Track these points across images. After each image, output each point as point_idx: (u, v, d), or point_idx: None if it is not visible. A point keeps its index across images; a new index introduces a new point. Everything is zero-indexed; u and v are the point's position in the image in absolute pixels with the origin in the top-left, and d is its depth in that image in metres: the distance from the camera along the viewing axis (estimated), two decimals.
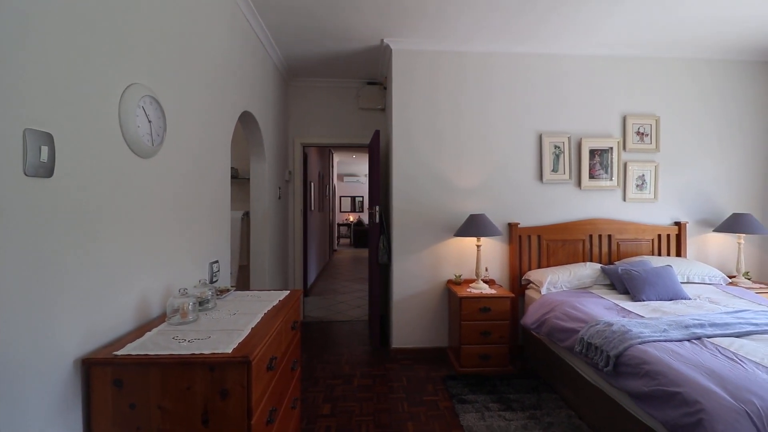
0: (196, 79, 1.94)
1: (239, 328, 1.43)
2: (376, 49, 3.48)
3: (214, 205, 2.20)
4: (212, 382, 1.22)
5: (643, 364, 1.77)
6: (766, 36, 3.23)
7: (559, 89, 3.50)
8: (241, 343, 1.30)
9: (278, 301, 1.83)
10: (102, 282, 1.28)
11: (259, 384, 1.32)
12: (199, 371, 1.21)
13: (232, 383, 1.23)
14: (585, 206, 3.55)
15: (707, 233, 3.62)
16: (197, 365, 1.21)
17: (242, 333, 1.39)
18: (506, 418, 2.31)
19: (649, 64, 3.56)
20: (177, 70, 1.75)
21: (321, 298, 5.43)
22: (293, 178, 4.29)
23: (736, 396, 1.47)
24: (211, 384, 1.22)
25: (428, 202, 3.40)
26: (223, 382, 1.22)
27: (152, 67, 1.56)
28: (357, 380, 2.90)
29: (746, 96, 3.64)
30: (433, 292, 3.42)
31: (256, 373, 1.29)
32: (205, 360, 1.21)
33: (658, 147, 3.56)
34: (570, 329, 2.40)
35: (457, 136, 3.43)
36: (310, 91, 4.29)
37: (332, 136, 4.34)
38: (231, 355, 1.22)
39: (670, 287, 2.82)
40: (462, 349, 2.97)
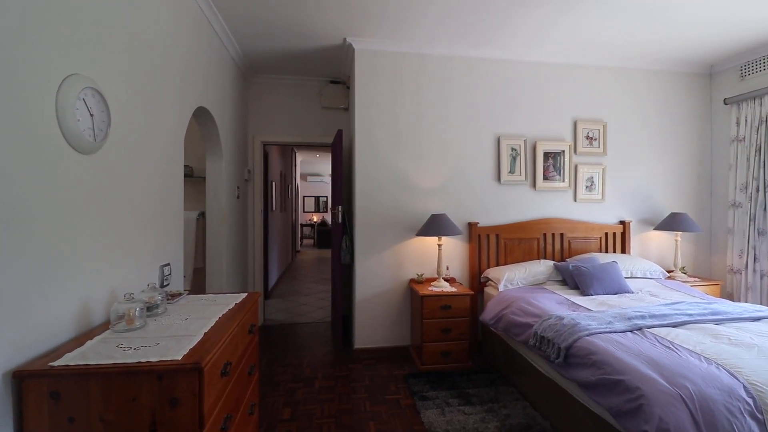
0: (144, 71, 1.84)
1: (191, 334, 1.37)
2: (338, 47, 3.45)
3: (166, 204, 2.09)
4: (161, 391, 1.16)
5: (591, 355, 1.88)
6: (697, 50, 3.53)
7: (515, 93, 3.64)
8: (193, 349, 1.25)
9: (234, 305, 1.77)
10: (35, 288, 1.18)
11: (212, 391, 1.27)
12: (146, 380, 1.15)
13: (183, 391, 1.17)
14: (539, 206, 3.71)
15: (648, 231, 3.89)
16: (143, 374, 1.15)
17: (194, 339, 1.33)
18: (465, 413, 2.37)
19: (598, 72, 3.78)
20: (122, 61, 1.65)
21: (283, 301, 5.31)
22: (253, 177, 4.17)
23: (671, 381, 1.59)
24: (160, 393, 1.16)
25: (391, 202, 3.42)
26: (173, 390, 1.16)
27: (94, 56, 1.46)
28: (319, 382, 2.86)
29: (682, 104, 3.96)
30: (395, 291, 3.45)
31: (209, 380, 1.24)
32: (153, 368, 1.14)
33: (605, 151, 3.79)
34: (525, 324, 2.50)
35: (419, 137, 3.48)
36: (271, 88, 4.19)
37: (294, 135, 4.26)
38: (181, 362, 1.17)
39: (616, 282, 3.01)
40: (424, 346, 3.02)
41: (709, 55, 3.69)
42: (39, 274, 1.19)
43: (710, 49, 3.53)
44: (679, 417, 1.45)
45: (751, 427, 1.49)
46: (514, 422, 2.27)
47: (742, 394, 1.54)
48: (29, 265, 1.16)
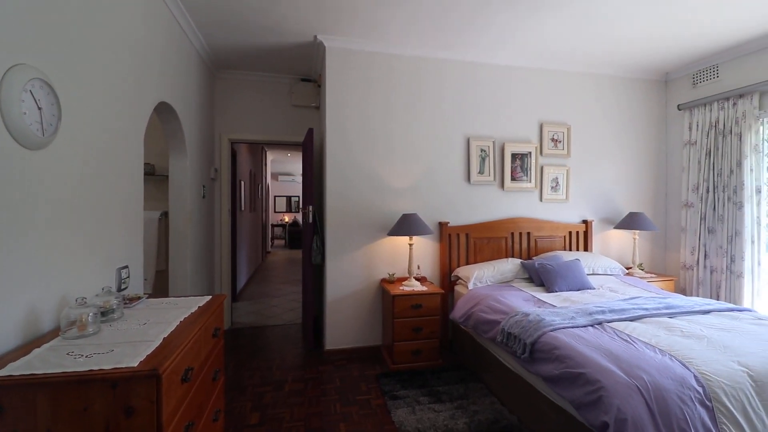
0: (100, 64, 1.74)
1: (149, 339, 1.31)
2: (309, 45, 3.40)
3: (124, 203, 1.99)
4: (115, 399, 1.10)
5: (554, 350, 1.94)
6: (654, 59, 3.72)
7: (484, 95, 3.71)
8: (150, 355, 1.19)
9: (197, 308, 1.71)
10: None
11: (171, 398, 1.22)
12: (99, 389, 1.09)
13: (139, 399, 1.12)
14: (508, 206, 3.81)
15: (609, 230, 4.07)
16: (96, 383, 1.09)
17: (152, 344, 1.27)
18: (435, 410, 2.39)
19: (562, 77, 3.91)
20: (75, 52, 1.55)
21: (252, 303, 5.19)
22: (220, 175, 4.04)
23: (629, 373, 1.66)
24: (114, 402, 1.10)
25: (362, 202, 3.41)
26: (128, 398, 1.11)
27: (43, 46, 1.36)
28: (288, 385, 2.81)
29: (640, 110, 4.17)
30: (367, 291, 3.44)
31: (168, 386, 1.19)
32: (106, 376, 1.09)
33: (569, 153, 3.93)
34: (493, 321, 2.55)
35: (391, 137, 3.48)
36: (240, 85, 4.08)
37: (264, 133, 4.17)
38: (137, 368, 1.11)
39: (578, 279, 3.13)
40: (395, 346, 3.02)
41: (664, 64, 3.90)
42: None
43: (665, 57, 3.73)
44: (636, 407, 1.52)
45: (701, 414, 1.58)
46: (482, 418, 2.31)
47: (693, 383, 1.64)
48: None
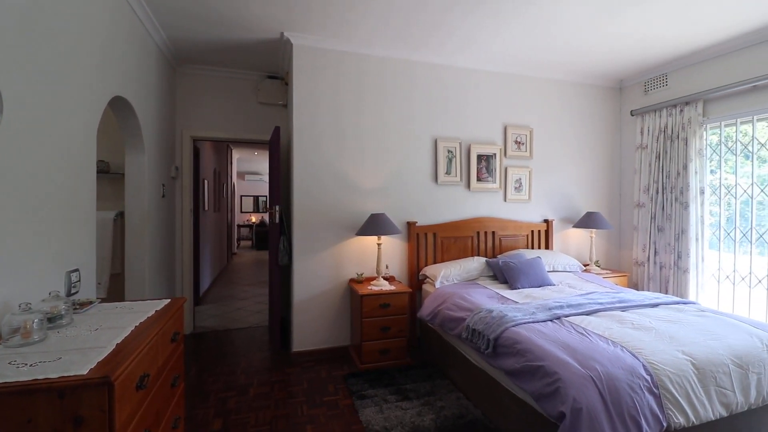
0: (45, 55, 1.63)
1: (100, 346, 1.24)
2: (275, 41, 3.34)
3: (75, 203, 1.88)
4: (62, 410, 1.04)
5: (516, 344, 2.01)
6: (609, 67, 3.93)
7: (451, 97, 3.78)
8: (102, 362, 1.13)
9: (155, 312, 1.64)
10: None
11: (125, 406, 1.16)
12: (44, 399, 1.02)
13: (90, 409, 1.06)
14: (473, 206, 3.90)
15: (568, 229, 4.26)
16: (41, 392, 1.02)
17: (103, 350, 1.20)
18: (403, 408, 2.41)
19: (525, 81, 4.05)
20: (15, 40, 1.45)
21: (216, 306, 5.03)
22: (181, 174, 3.89)
23: (584, 364, 1.75)
24: (62, 413, 1.04)
25: (330, 202, 3.39)
26: (77, 408, 1.05)
27: None
28: (254, 389, 2.75)
29: (598, 114, 4.39)
30: (335, 291, 3.42)
31: (121, 394, 1.13)
32: (52, 385, 1.02)
33: (531, 155, 4.08)
34: (459, 318, 2.60)
35: (360, 137, 3.48)
36: (203, 81, 3.94)
37: (228, 131, 4.05)
38: (86, 376, 1.05)
39: (540, 276, 3.26)
40: (363, 345, 3.02)
41: (619, 72, 4.12)
42: None
43: (620, 66, 3.95)
44: (590, 396, 1.60)
45: (649, 401, 1.68)
46: (448, 413, 2.36)
47: (642, 372, 1.74)
48: None
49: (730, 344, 1.98)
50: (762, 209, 3.27)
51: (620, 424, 1.58)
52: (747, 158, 3.37)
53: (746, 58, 3.27)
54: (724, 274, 3.54)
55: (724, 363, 1.88)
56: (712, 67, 3.53)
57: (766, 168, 3.24)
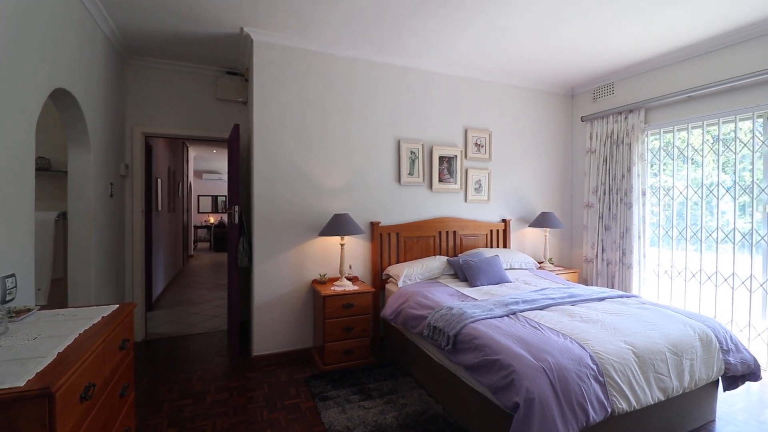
0: None
1: (39, 356, 1.16)
2: (235, 36, 3.24)
3: (10, 202, 1.73)
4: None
5: (474, 339, 2.07)
6: (562, 75, 4.15)
7: (414, 99, 3.84)
8: (41, 373, 1.06)
9: (101, 318, 1.55)
10: None
11: (68, 419, 1.09)
12: None
13: (28, 422, 0.99)
14: (436, 206, 3.98)
15: (524, 228, 4.45)
16: None
17: (43, 361, 1.12)
18: (365, 407, 2.42)
19: (484, 86, 4.19)
20: None
21: (171, 311, 4.80)
22: (131, 172, 3.68)
23: (536, 356, 1.84)
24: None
25: (292, 202, 3.33)
26: (14, 423, 0.98)
27: None
28: (211, 396, 2.65)
29: (552, 120, 4.62)
30: (297, 293, 3.37)
31: (64, 406, 1.06)
32: None
33: (490, 157, 4.22)
34: (420, 316, 2.65)
35: (323, 137, 3.45)
36: (156, 74, 3.75)
37: (184, 127, 3.87)
38: (24, 389, 0.98)
39: (497, 273, 3.38)
40: (326, 346, 3.00)
41: (570, 80, 4.36)
42: None
43: (571, 74, 4.18)
44: (542, 386, 1.68)
45: (595, 389, 1.80)
46: (410, 410, 2.39)
47: (588, 362, 1.86)
48: None
49: (666, 334, 2.16)
50: (696, 210, 3.58)
51: (569, 411, 1.68)
52: (683, 163, 3.68)
53: (683, 70, 3.57)
54: (663, 269, 3.84)
55: (661, 351, 2.04)
56: (654, 78, 3.82)
57: (699, 172, 3.55)
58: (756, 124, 3.16)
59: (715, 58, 3.33)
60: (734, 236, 3.28)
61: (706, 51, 3.36)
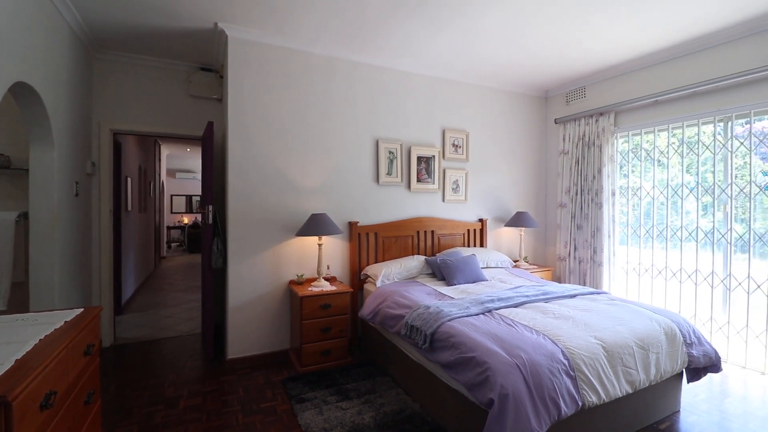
0: None
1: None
2: (209, 32, 3.16)
3: None
4: None
5: (450, 338, 2.10)
6: (536, 78, 4.25)
7: (392, 99, 3.85)
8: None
9: (64, 323, 1.48)
10: None
11: (27, 428, 1.04)
12: None
13: None
14: (414, 206, 4.00)
15: (500, 227, 4.53)
16: None
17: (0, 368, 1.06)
18: (343, 408, 2.41)
19: (462, 87, 4.25)
20: None
21: (142, 315, 4.64)
22: (99, 170, 3.54)
23: (510, 353, 1.87)
24: None
25: (268, 202, 3.28)
26: None
27: None
28: (184, 401, 2.58)
29: (527, 121, 4.72)
30: (274, 294, 3.32)
31: (22, 416, 1.01)
32: None
33: (467, 157, 4.28)
34: (398, 315, 2.66)
35: (300, 136, 3.41)
36: (126, 69, 3.62)
37: (155, 124, 3.75)
38: None
39: (474, 272, 3.43)
40: (303, 348, 2.97)
41: (544, 83, 4.47)
42: None
43: (544, 78, 4.29)
44: (516, 382, 1.72)
45: (566, 383, 1.85)
46: (388, 409, 2.39)
47: (560, 357, 1.91)
48: None
49: (634, 328, 2.24)
50: (662, 209, 3.73)
51: (542, 406, 1.72)
52: (651, 164, 3.83)
53: (650, 75, 3.72)
54: (632, 266, 3.98)
55: (629, 345, 2.12)
56: (623, 82, 3.96)
57: (665, 173, 3.70)
58: (717, 128, 3.32)
59: (679, 64, 3.48)
60: (697, 235, 3.44)
61: (671, 57, 3.52)
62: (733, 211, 3.24)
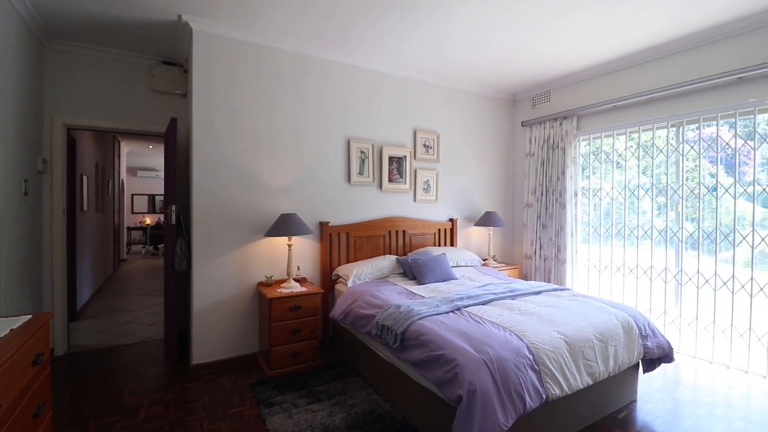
0: None
1: None
2: (172, 24, 3.04)
3: None
4: None
5: (420, 336, 2.11)
6: (505, 82, 4.36)
7: (364, 99, 3.84)
8: None
9: (9, 331, 1.38)
10: None
11: None
12: None
13: None
14: (385, 206, 4.01)
15: (470, 227, 4.62)
16: None
17: None
18: (313, 410, 2.38)
19: (433, 89, 4.30)
20: None
21: (99, 321, 4.40)
22: (50, 168, 3.32)
23: (478, 349, 1.91)
24: None
25: (235, 201, 3.19)
26: None
27: None
28: (144, 410, 2.46)
29: (496, 124, 4.84)
30: (241, 296, 3.23)
31: None
32: None
33: (438, 158, 4.34)
34: (369, 315, 2.65)
35: (270, 134, 3.34)
36: (82, 61, 3.41)
37: (114, 120, 3.56)
38: None
39: (444, 271, 3.48)
40: (272, 351, 2.91)
41: (512, 87, 4.60)
42: None
43: (512, 82, 4.41)
44: (483, 378, 1.75)
45: (531, 377, 1.90)
46: (359, 410, 2.38)
47: (525, 352, 1.96)
48: None
49: (594, 323, 2.34)
50: (621, 209, 3.92)
51: (508, 400, 1.76)
52: (610, 166, 4.01)
53: (610, 82, 3.90)
54: (593, 263, 4.16)
55: (589, 339, 2.21)
56: (585, 87, 4.14)
57: (623, 175, 3.89)
58: (670, 133, 3.53)
59: (636, 72, 3.67)
60: (652, 233, 3.64)
61: (629, 65, 3.70)
62: (684, 210, 3.45)
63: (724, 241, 3.19)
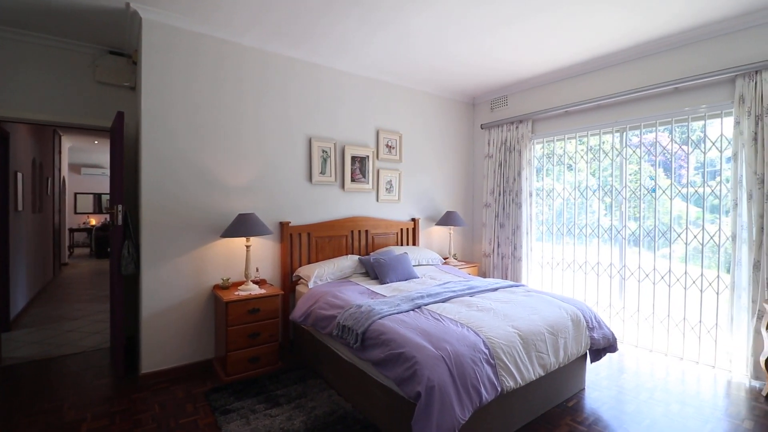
0: None
1: None
2: (119, 12, 2.85)
3: None
4: None
5: (381, 335, 2.12)
6: (465, 85, 4.47)
7: (327, 98, 3.80)
8: None
9: None
10: None
11: None
12: None
13: None
14: (348, 205, 3.99)
15: (432, 226, 4.70)
16: None
17: None
18: (272, 415, 2.32)
19: (396, 90, 4.33)
20: None
21: (36, 330, 4.05)
22: None
23: (437, 346, 1.94)
24: None
25: (189, 201, 3.05)
26: None
27: None
28: (87, 425, 2.29)
29: (457, 126, 4.96)
30: (196, 300, 3.09)
31: None
32: None
33: (401, 158, 4.37)
34: (330, 316, 2.62)
35: (228, 131, 3.22)
36: (16, 48, 3.12)
37: (53, 113, 3.28)
38: None
39: (406, 270, 3.51)
40: (228, 356, 2.80)
41: (472, 90, 4.73)
42: None
43: (472, 86, 4.54)
44: (441, 374, 1.79)
45: (487, 371, 1.96)
46: (319, 412, 2.35)
47: (481, 347, 2.02)
48: None
49: (545, 317, 2.45)
50: (572, 209, 4.13)
51: (465, 394, 1.81)
52: (563, 168, 4.23)
53: (563, 88, 4.10)
54: (546, 260, 4.36)
55: (541, 332, 2.31)
56: (539, 93, 4.33)
57: (574, 177, 4.11)
58: (615, 138, 3.76)
59: (586, 79, 3.89)
60: (599, 231, 3.87)
61: (580, 73, 3.92)
62: (627, 210, 3.70)
63: (662, 239, 3.45)
